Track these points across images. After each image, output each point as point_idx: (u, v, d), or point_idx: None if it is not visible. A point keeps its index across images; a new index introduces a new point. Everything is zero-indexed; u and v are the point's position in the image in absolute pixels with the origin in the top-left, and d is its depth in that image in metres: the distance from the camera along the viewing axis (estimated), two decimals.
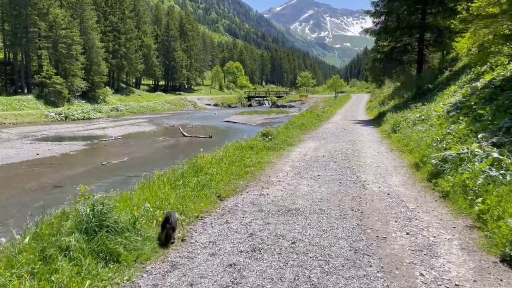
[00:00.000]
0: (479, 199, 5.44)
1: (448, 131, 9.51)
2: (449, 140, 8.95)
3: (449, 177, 6.91)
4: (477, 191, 5.74)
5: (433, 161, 7.65)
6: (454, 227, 5.22)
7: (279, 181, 8.27)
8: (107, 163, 15.60)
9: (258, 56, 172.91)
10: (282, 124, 22.98)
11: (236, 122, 38.16)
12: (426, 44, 27.50)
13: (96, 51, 56.57)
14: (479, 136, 7.98)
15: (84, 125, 33.90)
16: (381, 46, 30.28)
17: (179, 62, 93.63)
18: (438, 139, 9.52)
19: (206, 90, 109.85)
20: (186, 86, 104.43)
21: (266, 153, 11.82)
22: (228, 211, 6.05)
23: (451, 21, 26.22)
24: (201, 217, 5.72)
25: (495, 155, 6.31)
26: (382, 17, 28.05)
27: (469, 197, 5.84)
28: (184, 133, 25.15)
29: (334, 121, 26.55)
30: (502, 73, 13.72)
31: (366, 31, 29.58)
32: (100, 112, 48.00)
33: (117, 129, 29.58)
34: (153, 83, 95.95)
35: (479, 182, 5.81)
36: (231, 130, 31.24)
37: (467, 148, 7.36)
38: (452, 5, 25.63)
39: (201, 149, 12.36)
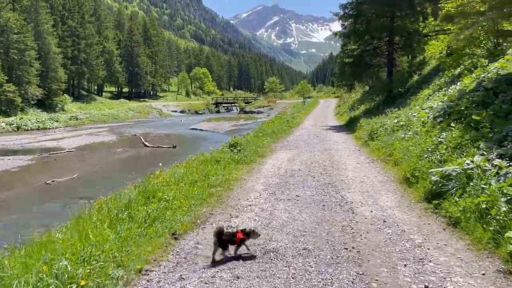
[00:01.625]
0: (510, 233, 4.23)
1: (439, 139, 8.40)
2: (443, 151, 7.82)
3: (456, 198, 5.70)
4: (502, 221, 4.53)
5: (433, 178, 6.44)
6: (483, 274, 3.96)
7: (250, 205, 6.84)
8: (52, 181, 13.65)
9: (225, 62, 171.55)
10: (252, 132, 21.65)
11: (203, 130, 36.52)
12: (396, 47, 26.97)
13: (52, 57, 53.35)
14: (481, 146, 6.87)
15: (37, 136, 31.26)
16: (350, 49, 29.60)
17: (143, 68, 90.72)
18: (429, 149, 8.39)
19: (172, 97, 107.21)
20: (151, 92, 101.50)
21: (235, 167, 10.38)
22: (185, 258, 4.54)
23: (420, 23, 25.97)
24: (146, 270, 4.17)
25: None
26: (351, 20, 27.34)
27: (491, 228, 4.63)
28: (146, 143, 23.31)
29: (305, 127, 25.46)
30: (482, 75, 12.99)
31: (335, 34, 28.76)
32: (57, 121, 45.05)
33: (73, 140, 27.26)
34: (117, 90, 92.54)
35: (504, 209, 4.60)
36: (198, 138, 29.59)
37: (472, 162, 6.21)
38: (419, 9, 25.38)
39: (160, 164, 10.83)
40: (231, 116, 64.13)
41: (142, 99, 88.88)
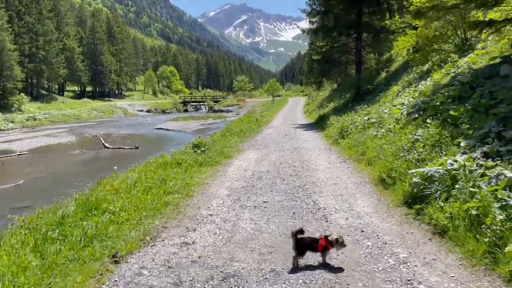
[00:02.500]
0: (510, 247, 3.60)
1: (415, 137, 7.85)
2: (420, 149, 7.26)
3: (441, 203, 5.08)
4: (498, 231, 3.91)
5: (414, 180, 5.82)
6: None
7: (211, 215, 6.00)
8: None
9: (193, 60, 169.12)
10: (219, 131, 20.80)
11: (169, 129, 35.23)
12: (364, 44, 26.77)
13: (7, 54, 50.24)
14: (462, 144, 6.32)
15: None
16: (318, 46, 29.21)
17: (107, 67, 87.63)
18: (405, 148, 7.83)
19: (139, 96, 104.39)
20: (116, 91, 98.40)
21: (198, 170, 9.49)
22: None
23: (387, 21, 25.84)
24: None
25: (509, 174, 4.57)
26: (319, 16, 26.92)
27: (486, 239, 4.00)
28: (106, 144, 21.95)
29: (274, 125, 24.81)
30: (453, 70, 12.69)
31: (303, 31, 28.25)
32: (12, 122, 42.48)
33: (27, 142, 25.40)
34: (80, 89, 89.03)
35: (500, 217, 3.99)
36: (163, 138, 28.36)
37: (455, 161, 5.63)
38: (386, 5, 25.24)
39: (115, 167, 9.82)
40: (199, 115, 62.83)
41: (106, 99, 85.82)
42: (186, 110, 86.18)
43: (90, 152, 20.56)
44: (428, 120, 8.25)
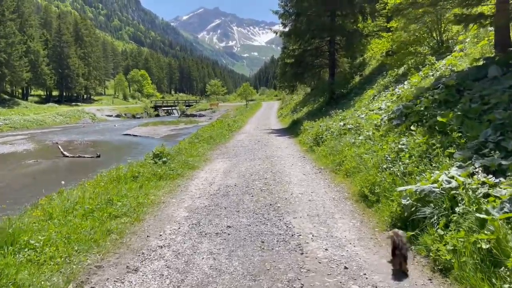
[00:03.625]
0: None
1: (399, 146, 7.00)
2: (406, 160, 6.40)
3: (440, 231, 4.18)
4: None
5: (404, 201, 4.90)
6: None
7: (162, 246, 4.90)
8: None
9: (165, 64, 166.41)
10: (188, 137, 19.62)
11: (137, 135, 33.62)
12: (337, 47, 26.21)
13: None
14: (455, 155, 5.48)
15: None
16: (291, 50, 28.49)
17: (74, 70, 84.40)
18: (389, 158, 6.96)
19: (108, 100, 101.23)
20: (85, 96, 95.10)
21: (156, 185, 8.34)
22: None
23: (360, 24, 25.37)
24: None
25: None
26: (292, 18, 26.22)
27: (506, 285, 3.10)
28: (65, 152, 20.32)
29: (247, 131, 23.81)
30: (431, 73, 12.11)
31: (276, 32, 27.49)
32: None
33: None
34: (45, 93, 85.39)
35: None
36: (130, 145, 26.84)
37: (452, 178, 4.75)
38: (359, 8, 24.78)
39: (63, 182, 8.57)
40: (170, 120, 61.12)
41: (74, 103, 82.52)
42: (157, 115, 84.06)
43: (46, 161, 18.88)
44: (412, 127, 7.43)
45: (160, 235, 5.32)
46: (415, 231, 4.54)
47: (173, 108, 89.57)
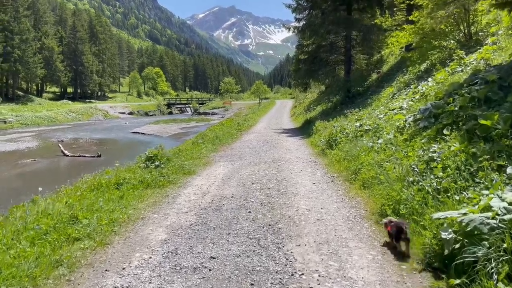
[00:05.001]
0: None
1: (430, 155, 5.69)
2: (440, 173, 5.09)
3: (502, 285, 2.91)
4: None
5: (445, 235, 3.62)
6: None
7: (120, 287, 3.74)
8: None
9: (180, 62, 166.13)
10: (193, 137, 18.54)
11: (145, 134, 32.73)
12: (354, 43, 24.79)
13: None
14: (509, 170, 4.17)
15: None
16: (305, 45, 27.15)
17: (88, 67, 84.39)
18: (417, 169, 5.66)
19: (122, 98, 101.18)
20: (99, 93, 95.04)
21: (140, 194, 7.20)
22: None
23: (379, 18, 23.90)
24: None
25: None
26: (306, 12, 24.90)
27: None
28: (65, 151, 19.44)
29: (257, 130, 22.60)
30: (459, 69, 10.71)
31: (288, 28, 26.13)
32: None
33: None
34: (60, 90, 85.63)
35: None
36: (135, 144, 25.92)
37: (506, 202, 3.46)
38: (377, 2, 23.35)
39: (40, 188, 7.51)
40: (182, 118, 60.26)
41: (88, 100, 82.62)
42: (170, 113, 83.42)
43: (44, 161, 18.02)
44: (445, 131, 6.10)
45: (123, 268, 4.14)
46: (462, 279, 3.26)
47: (186, 106, 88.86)
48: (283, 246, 4.64)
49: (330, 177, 8.60)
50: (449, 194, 4.63)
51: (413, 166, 5.84)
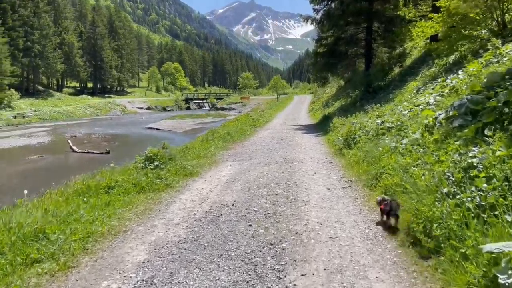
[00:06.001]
0: None
1: (469, 160, 4.66)
2: (484, 185, 4.06)
3: None
4: None
5: (503, 280, 2.64)
6: None
7: None
8: None
9: (199, 57, 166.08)
10: (204, 134, 17.76)
11: (159, 129, 32.17)
12: (375, 36, 23.51)
13: None
14: None
15: None
16: (324, 38, 25.98)
17: (107, 62, 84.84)
18: (452, 178, 4.64)
19: (141, 93, 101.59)
20: (118, 88, 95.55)
21: (130, 201, 6.38)
22: None
23: (403, 10, 22.56)
24: None
25: None
26: (324, 3, 23.75)
27: None
28: (74, 147, 18.94)
29: (272, 126, 21.64)
30: (495, 60, 9.53)
31: (306, 19, 24.96)
32: None
33: None
34: (80, 85, 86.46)
35: None
36: (148, 140, 25.31)
37: None
38: None
39: (25, 191, 6.81)
40: (199, 113, 59.75)
41: (107, 95, 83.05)
42: (188, 108, 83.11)
43: (51, 157, 17.52)
44: (486, 131, 5.03)
45: None
46: None
47: (204, 101, 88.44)
48: (285, 276, 3.71)
49: (347, 181, 7.62)
50: (497, 213, 3.63)
51: (447, 173, 4.81)
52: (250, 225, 5.19)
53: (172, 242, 4.66)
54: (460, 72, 11.27)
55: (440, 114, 6.78)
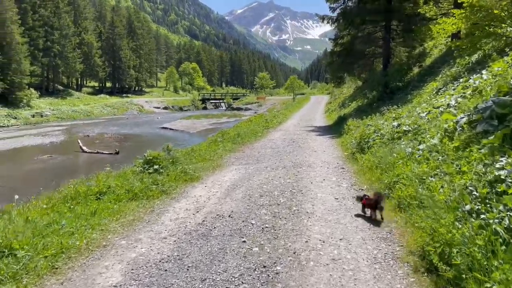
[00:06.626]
0: None
1: (496, 173, 4.01)
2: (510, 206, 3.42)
3: None
4: None
5: None
6: None
7: None
8: None
9: (216, 57, 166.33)
10: (214, 135, 17.31)
11: (173, 129, 31.93)
12: (393, 34, 22.65)
13: (15, 47, 48.23)
14: None
15: None
16: (340, 37, 25.22)
17: (125, 62, 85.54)
18: (476, 193, 4.00)
19: (159, 92, 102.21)
20: (136, 88, 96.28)
21: (119, 209, 5.90)
22: None
23: (423, 7, 21.65)
24: None
25: None
26: (341, 1, 23.05)
27: None
28: (84, 148, 18.74)
29: (285, 127, 21.04)
30: None
31: (322, 18, 24.28)
32: (15, 118, 40.19)
33: (3, 143, 22.55)
34: (99, 85, 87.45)
35: None
36: (160, 140, 25.03)
37: None
38: None
39: (16, 196, 6.48)
40: (215, 113, 59.51)
41: (125, 95, 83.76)
42: (205, 108, 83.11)
43: (60, 157, 17.34)
44: None
45: None
46: None
47: (220, 101, 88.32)
48: None
49: (358, 190, 6.99)
50: None
51: (470, 187, 4.16)
52: (244, 241, 4.64)
53: (153, 261, 4.15)
54: (484, 71, 10.51)
55: (462, 118, 6.09)
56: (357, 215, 5.49)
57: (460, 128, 5.96)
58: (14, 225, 4.88)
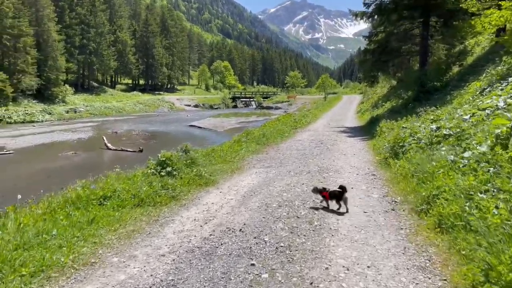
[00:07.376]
0: None
1: None
2: None
3: None
4: None
5: None
6: None
7: None
8: None
9: (248, 56, 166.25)
10: (239, 135, 16.70)
11: (201, 127, 31.64)
12: (432, 31, 21.27)
13: (52, 45, 49.55)
14: None
15: (4, 131, 27.07)
16: (374, 34, 24.04)
17: (158, 60, 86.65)
18: None
19: (190, 90, 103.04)
20: (168, 85, 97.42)
21: (120, 218, 5.34)
22: None
23: (466, 2, 20.18)
24: None
25: None
26: None
27: None
28: (109, 145, 18.62)
29: (314, 128, 20.18)
30: None
31: (356, 14, 23.15)
32: (50, 114, 41.17)
33: (33, 138, 22.82)
34: (132, 82, 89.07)
35: None
36: (187, 138, 24.70)
37: None
38: None
39: (19, 196, 6.10)
40: (245, 111, 59.08)
41: (157, 92, 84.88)
42: (235, 106, 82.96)
43: (84, 154, 17.25)
44: None
45: None
46: None
47: (251, 99, 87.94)
48: None
49: (390, 202, 6.14)
50: None
51: None
52: (252, 264, 3.94)
53: (143, 286, 3.52)
54: None
55: None
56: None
57: None
58: (1, 234, 4.41)
